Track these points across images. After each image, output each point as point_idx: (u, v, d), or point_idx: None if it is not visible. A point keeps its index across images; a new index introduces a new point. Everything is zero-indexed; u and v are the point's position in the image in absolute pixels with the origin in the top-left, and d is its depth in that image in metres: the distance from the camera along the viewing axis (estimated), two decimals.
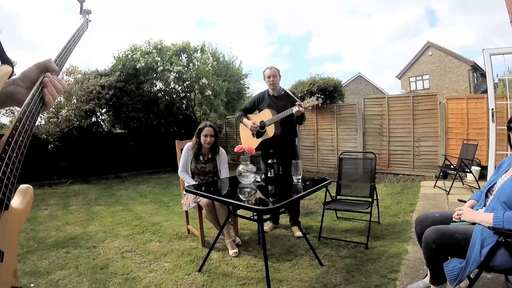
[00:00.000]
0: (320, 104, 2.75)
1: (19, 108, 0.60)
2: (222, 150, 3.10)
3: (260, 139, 3.14)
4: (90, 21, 1.06)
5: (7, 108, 6.94)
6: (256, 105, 3.29)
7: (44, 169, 7.11)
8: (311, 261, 2.44)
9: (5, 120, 7.72)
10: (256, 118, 3.21)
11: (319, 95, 2.78)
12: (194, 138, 3.00)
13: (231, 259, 2.52)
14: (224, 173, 3.03)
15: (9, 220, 0.54)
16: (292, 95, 3.03)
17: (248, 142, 3.25)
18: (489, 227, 1.39)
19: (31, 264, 2.57)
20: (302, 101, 2.83)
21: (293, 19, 61.21)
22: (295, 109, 2.78)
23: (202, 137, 2.92)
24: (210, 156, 3.03)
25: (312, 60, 51.86)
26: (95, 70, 8.36)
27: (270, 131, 3.04)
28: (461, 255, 1.44)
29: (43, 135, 6.88)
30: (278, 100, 3.13)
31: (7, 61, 0.64)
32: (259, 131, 3.15)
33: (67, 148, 7.28)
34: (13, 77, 0.67)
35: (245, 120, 3.24)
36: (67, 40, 0.86)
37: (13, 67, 0.63)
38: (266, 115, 3.10)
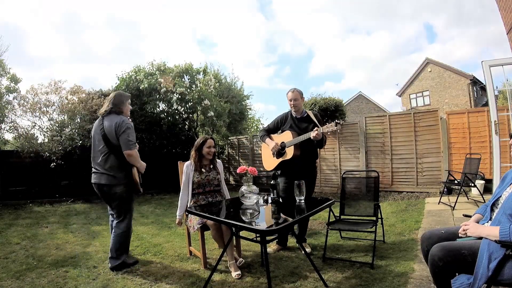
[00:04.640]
0: (338, 130, 2.74)
1: (20, 126, 0.54)
2: (218, 160, 3.21)
3: (280, 160, 3.18)
4: None
5: (10, 124, 7.16)
6: (279, 126, 3.35)
7: (46, 187, 7.14)
8: (316, 282, 2.36)
9: (9, 136, 7.77)
10: (278, 139, 3.27)
11: (338, 121, 2.76)
12: (193, 153, 3.03)
13: (234, 281, 2.45)
14: (223, 183, 3.16)
15: None
16: (313, 118, 3.06)
17: (268, 160, 3.34)
18: (495, 241, 1.36)
19: (29, 282, 2.52)
20: (322, 125, 2.84)
21: (293, 39, 62.90)
22: (312, 134, 2.80)
23: (205, 149, 3.00)
24: (211, 166, 3.10)
25: (312, 79, 52.92)
26: (99, 90, 8.48)
27: (290, 152, 3.09)
28: (469, 271, 1.40)
29: (46, 153, 6.93)
30: (300, 122, 3.18)
31: None
32: (279, 151, 3.19)
33: (70, 167, 7.28)
34: None
35: (268, 140, 3.31)
36: None
37: None
38: (287, 136, 3.16)
